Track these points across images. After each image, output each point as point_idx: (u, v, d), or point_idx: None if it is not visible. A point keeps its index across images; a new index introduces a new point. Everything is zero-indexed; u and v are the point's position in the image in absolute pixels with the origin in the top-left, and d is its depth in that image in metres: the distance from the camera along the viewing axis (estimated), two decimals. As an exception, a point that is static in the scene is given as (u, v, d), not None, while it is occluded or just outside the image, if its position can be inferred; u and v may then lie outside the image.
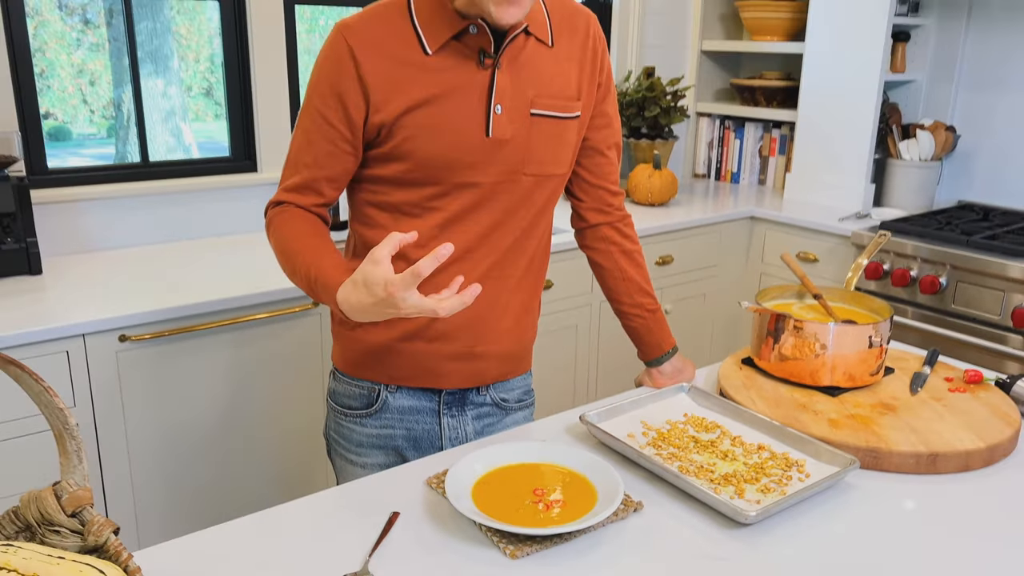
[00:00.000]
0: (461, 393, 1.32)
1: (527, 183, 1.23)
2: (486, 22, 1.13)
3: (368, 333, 1.27)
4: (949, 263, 2.39)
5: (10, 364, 0.73)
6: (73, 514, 0.79)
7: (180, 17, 2.39)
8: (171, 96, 2.77)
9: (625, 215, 1.40)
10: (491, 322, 1.28)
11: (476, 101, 1.16)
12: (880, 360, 1.34)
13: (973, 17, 2.85)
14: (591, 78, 1.27)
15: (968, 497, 1.08)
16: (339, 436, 1.35)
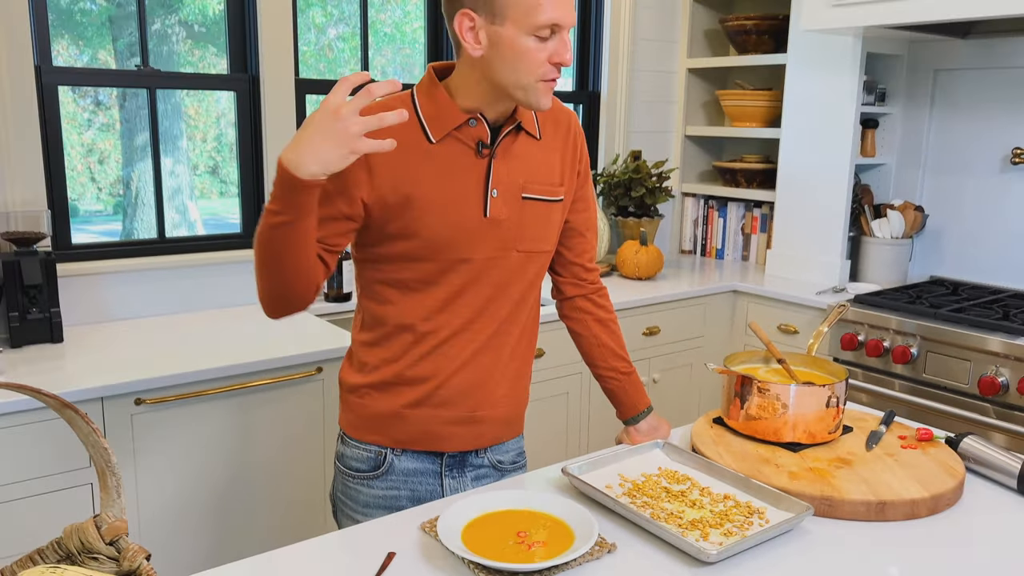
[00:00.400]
0: (461, 456, 1.43)
1: (518, 259, 1.37)
2: (484, 116, 1.30)
3: (376, 401, 1.39)
4: (919, 334, 2.52)
5: (65, 407, 0.85)
6: (110, 542, 0.90)
7: (189, 99, 2.56)
8: (178, 175, 2.93)
9: (600, 287, 1.55)
10: (490, 388, 1.40)
11: (475, 185, 1.31)
12: (837, 419, 1.46)
13: (935, 107, 3.06)
14: (572, 167, 1.43)
15: (914, 542, 1.19)
16: (346, 497, 1.44)
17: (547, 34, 1.24)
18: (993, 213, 2.93)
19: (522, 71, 1.25)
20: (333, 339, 2.22)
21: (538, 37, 1.23)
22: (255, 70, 2.56)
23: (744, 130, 3.42)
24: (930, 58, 3.04)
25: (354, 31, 2.85)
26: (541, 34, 1.23)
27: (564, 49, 1.25)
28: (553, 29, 1.24)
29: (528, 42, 1.23)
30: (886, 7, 2.49)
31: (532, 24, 1.22)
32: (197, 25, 2.47)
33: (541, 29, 1.23)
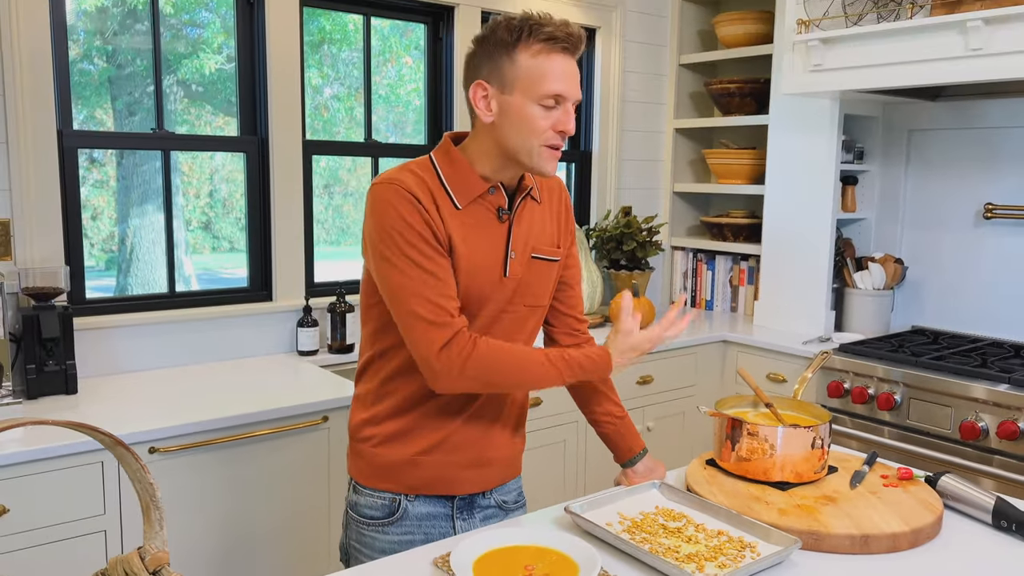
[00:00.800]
0: (471, 498, 1.51)
1: (523, 312, 1.48)
2: (503, 185, 1.42)
3: (390, 450, 1.46)
4: (903, 382, 2.62)
5: (117, 445, 0.94)
6: (154, 572, 0.97)
7: (183, 156, 2.63)
8: (173, 230, 2.97)
9: (589, 338, 1.64)
10: (496, 431, 1.50)
11: (497, 247, 1.42)
12: (823, 459, 1.55)
13: (911, 164, 3.22)
14: (565, 227, 1.56)
15: (896, 574, 1.27)
16: (361, 545, 1.50)
17: (551, 104, 1.35)
18: (969, 265, 3.06)
19: (528, 136, 1.36)
20: (337, 389, 2.30)
21: (543, 106, 1.35)
22: (264, 133, 2.69)
23: (730, 187, 3.57)
24: (904, 119, 3.21)
25: (350, 91, 2.99)
26: (546, 103, 1.35)
27: (567, 118, 1.37)
28: (557, 100, 1.36)
29: (534, 110, 1.35)
30: (860, 73, 2.66)
31: (538, 93, 1.34)
32: (195, 85, 2.58)
33: (545, 99, 1.35)
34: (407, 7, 2.99)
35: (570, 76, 1.37)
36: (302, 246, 2.76)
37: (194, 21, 2.54)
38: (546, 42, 1.35)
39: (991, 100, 2.96)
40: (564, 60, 1.36)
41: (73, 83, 2.36)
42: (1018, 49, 2.29)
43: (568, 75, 1.36)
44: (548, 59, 1.35)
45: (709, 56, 3.64)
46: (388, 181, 1.38)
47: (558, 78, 1.34)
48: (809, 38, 2.72)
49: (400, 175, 1.39)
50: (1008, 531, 1.41)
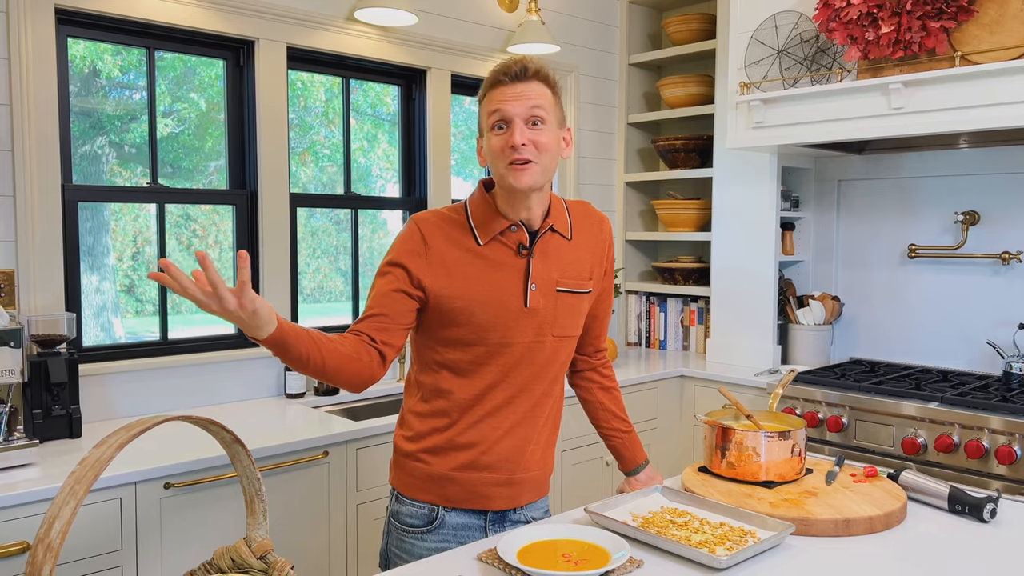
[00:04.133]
0: (502, 513, 1.65)
1: (553, 343, 1.63)
2: (524, 223, 1.59)
3: (430, 465, 1.61)
4: (848, 405, 2.89)
5: (236, 442, 1.07)
6: (260, 557, 1.10)
7: (113, 217, 2.70)
8: (104, 291, 2.97)
9: (605, 361, 1.83)
10: (527, 455, 1.64)
11: (517, 280, 1.58)
12: (802, 463, 1.76)
13: (841, 211, 3.56)
14: (600, 264, 1.70)
15: (874, 549, 1.48)
16: (401, 551, 1.63)
17: (501, 128, 1.52)
18: (897, 301, 3.39)
19: (495, 162, 1.54)
20: (331, 427, 2.41)
21: (495, 133, 1.53)
22: (253, 186, 2.83)
23: (678, 234, 3.85)
24: (833, 170, 3.57)
25: (292, 152, 3.13)
26: (496, 129, 1.53)
27: (512, 134, 1.50)
28: (501, 120, 1.52)
29: (491, 139, 1.54)
30: (797, 129, 2.98)
31: (488, 124, 1.54)
32: (127, 146, 2.66)
33: (494, 125, 1.53)
34: (382, 70, 3.20)
35: (510, 97, 1.49)
36: (289, 293, 2.89)
37: (136, 84, 2.65)
38: (489, 79, 1.54)
39: (909, 153, 3.33)
40: (505, 87, 1.51)
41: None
42: (932, 108, 2.63)
43: (508, 97, 1.50)
44: (491, 91, 1.54)
45: (655, 116, 3.96)
46: (414, 217, 1.59)
47: (496, 102, 1.51)
48: (751, 98, 3.03)
49: (430, 212, 1.60)
50: (963, 514, 1.64)
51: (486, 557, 1.42)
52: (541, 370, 1.62)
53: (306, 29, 2.88)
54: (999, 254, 3.07)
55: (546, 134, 1.53)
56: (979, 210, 3.15)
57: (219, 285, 1.19)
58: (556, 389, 1.68)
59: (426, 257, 1.55)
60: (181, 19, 2.60)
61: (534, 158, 1.51)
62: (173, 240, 2.79)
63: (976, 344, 3.18)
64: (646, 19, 4.09)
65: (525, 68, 1.52)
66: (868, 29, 2.68)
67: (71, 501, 0.81)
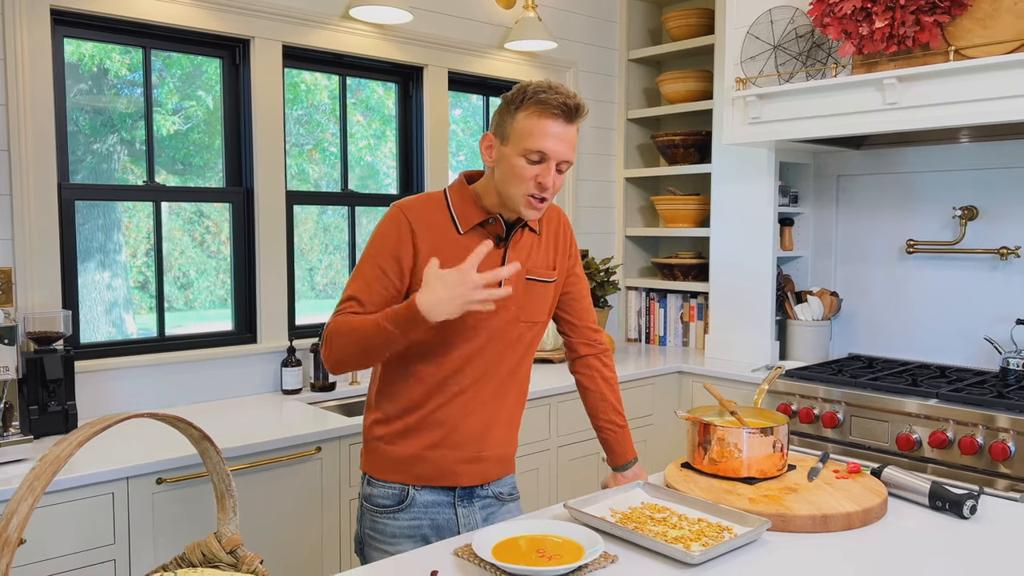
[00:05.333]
0: (470, 489, 1.70)
1: (521, 328, 1.69)
2: (501, 216, 1.64)
3: (400, 447, 1.66)
4: (844, 401, 2.88)
5: (204, 439, 1.09)
6: (230, 551, 1.12)
7: (126, 215, 2.74)
8: (115, 288, 3.02)
9: (606, 349, 1.88)
10: (493, 432, 1.69)
11: (491, 268, 1.60)
12: (783, 459, 1.76)
13: (840, 206, 3.55)
14: (563, 252, 1.78)
15: (851, 545, 1.48)
16: (374, 532, 1.68)
17: (536, 159, 1.55)
18: (896, 297, 3.38)
19: (512, 184, 1.58)
20: (325, 423, 2.43)
21: (528, 160, 1.55)
22: (250, 183, 2.85)
23: (677, 230, 3.85)
24: (832, 166, 3.55)
25: (300, 149, 3.14)
26: (531, 157, 1.55)
27: (547, 173, 1.55)
28: (541, 156, 1.55)
29: (520, 162, 1.56)
30: (792, 124, 2.97)
31: (524, 148, 1.55)
32: (138, 143, 2.69)
33: (531, 153, 1.55)
34: (379, 67, 3.22)
35: (557, 137, 1.54)
36: (285, 289, 2.91)
37: (143, 83, 2.69)
38: (540, 105, 1.54)
39: (908, 148, 3.31)
40: (555, 123, 1.54)
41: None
42: (927, 103, 2.62)
43: (555, 136, 1.54)
44: (539, 120, 1.54)
45: (654, 111, 3.96)
46: (397, 204, 1.64)
47: (543, 137, 1.53)
48: (747, 94, 3.03)
49: (412, 199, 1.65)
50: (943, 510, 1.64)
51: (462, 552, 1.43)
52: (507, 352, 1.69)
53: (302, 27, 2.90)
54: (997, 249, 3.05)
55: (564, 178, 1.62)
56: (977, 205, 3.13)
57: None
58: (521, 371, 1.74)
59: (412, 242, 1.61)
60: (176, 18, 2.62)
61: (550, 198, 1.61)
62: (187, 237, 2.83)
63: (974, 340, 3.16)
64: (645, 14, 4.08)
65: (579, 108, 1.56)
66: (862, 24, 2.66)
67: (29, 497, 0.83)
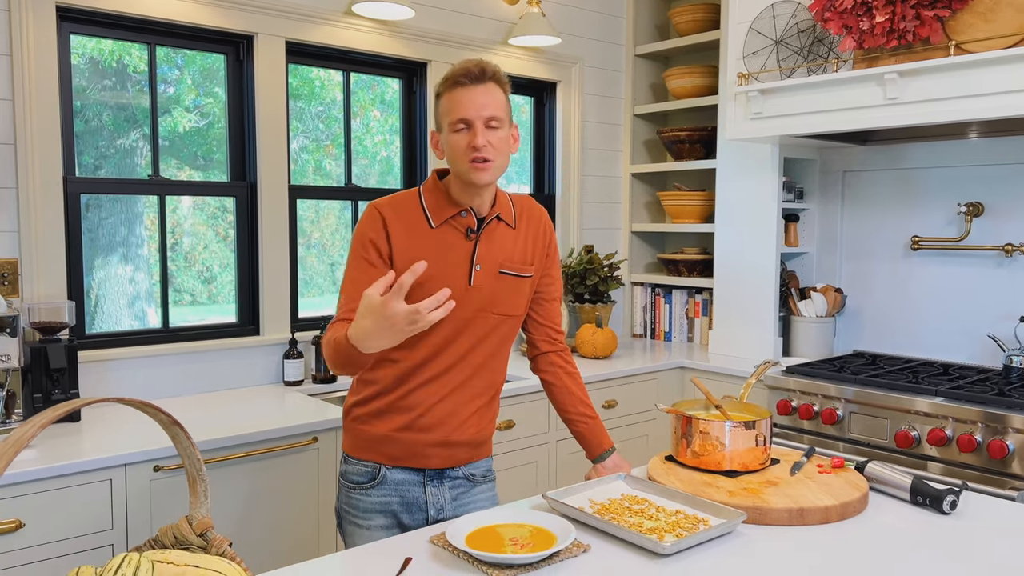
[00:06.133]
0: (440, 470, 1.75)
1: (493, 320, 1.73)
2: (472, 209, 1.67)
3: (373, 426, 1.72)
4: (843, 397, 2.87)
5: (173, 424, 1.12)
6: (200, 534, 1.15)
7: (148, 209, 2.81)
8: (138, 281, 3.10)
9: (566, 348, 1.91)
10: (464, 419, 1.73)
11: (463, 260, 1.68)
12: (766, 453, 1.77)
13: (846, 202, 3.53)
14: (541, 251, 1.81)
15: (828, 539, 1.49)
16: (349, 507, 1.75)
17: (461, 126, 1.64)
18: (901, 293, 3.36)
19: (456, 159, 1.66)
20: (324, 413, 2.47)
21: (457, 132, 1.64)
22: (253, 178, 2.89)
23: (683, 226, 3.84)
24: (838, 161, 3.53)
25: (318, 144, 3.19)
26: (457, 128, 1.64)
27: (475, 135, 1.62)
28: (464, 123, 1.63)
29: (453, 138, 1.65)
30: (794, 120, 2.96)
31: (450, 123, 1.65)
32: (162, 139, 2.76)
33: (455, 125, 1.64)
34: (383, 63, 3.24)
35: (470, 103, 1.62)
36: (288, 282, 2.95)
37: (165, 79, 2.75)
38: (447, 82, 1.65)
39: (913, 143, 3.28)
40: (463, 90, 1.62)
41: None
42: (928, 98, 2.60)
43: (468, 102, 1.62)
44: (451, 94, 1.65)
45: (661, 107, 3.95)
46: (372, 203, 1.71)
47: (458, 105, 1.63)
48: (749, 89, 3.02)
49: (386, 198, 1.72)
50: (924, 505, 1.64)
51: (437, 540, 1.45)
52: (479, 343, 1.72)
53: (305, 23, 2.93)
54: (1002, 246, 3.02)
55: (501, 135, 1.66)
56: (983, 201, 3.10)
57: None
58: (495, 363, 1.77)
59: (388, 238, 1.67)
60: (181, 15, 2.66)
61: (492, 157, 1.64)
62: (211, 232, 2.89)
63: (978, 337, 3.14)
64: (652, 9, 4.08)
65: (483, 70, 1.64)
66: (862, 18, 2.65)
67: (-10, 475, 0.86)
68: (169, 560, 1.08)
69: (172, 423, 1.12)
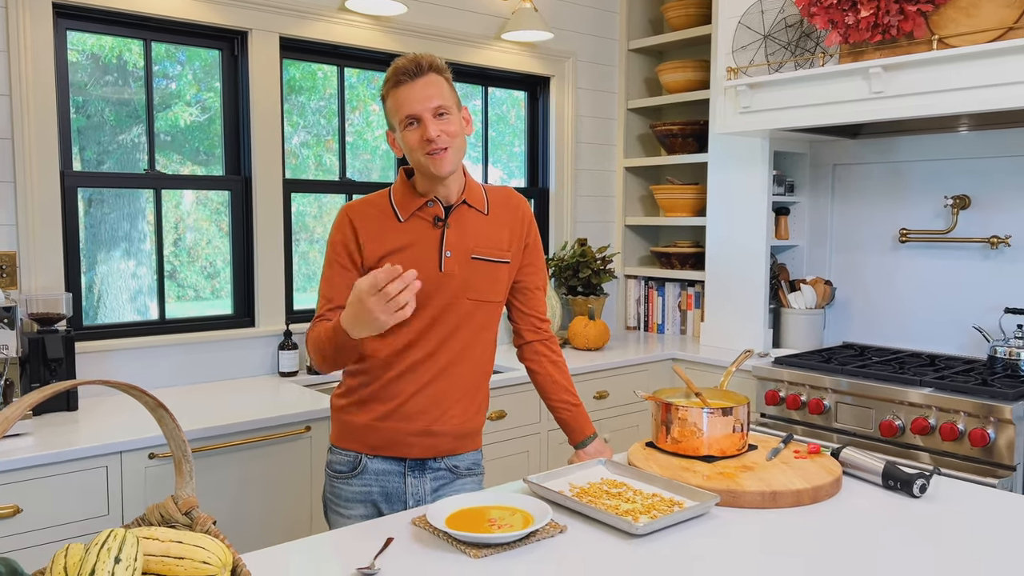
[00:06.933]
0: (421, 461, 1.78)
1: (469, 306, 1.76)
2: (439, 199, 1.73)
3: (354, 416, 1.77)
4: (830, 388, 2.91)
5: (159, 407, 1.16)
6: (186, 513, 1.20)
7: (149, 205, 2.85)
8: (140, 276, 3.17)
9: (552, 336, 1.94)
10: (444, 408, 1.76)
11: (433, 248, 1.73)
12: (743, 439, 1.81)
13: (836, 196, 3.56)
14: (520, 238, 1.84)
15: (799, 521, 1.53)
16: (332, 495, 1.80)
17: (410, 122, 1.68)
18: (889, 285, 3.39)
19: (413, 154, 1.71)
20: (317, 403, 2.51)
21: (407, 128, 1.69)
22: (248, 172, 2.94)
23: (676, 219, 3.88)
24: (828, 155, 3.57)
25: (319, 139, 3.24)
26: (407, 124, 1.68)
27: (427, 127, 1.66)
28: (413, 118, 1.67)
29: (405, 135, 1.70)
30: (782, 114, 2.99)
31: (400, 121, 1.70)
32: (163, 134, 2.80)
33: (404, 123, 1.69)
34: (376, 58, 3.28)
35: (412, 96, 1.66)
36: (283, 275, 3.00)
37: (166, 74, 2.80)
38: (389, 83, 1.70)
39: (902, 137, 3.32)
40: (405, 87, 1.67)
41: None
42: (912, 91, 2.63)
43: (412, 98, 1.67)
44: (395, 93, 1.69)
45: (654, 101, 3.99)
46: (344, 207, 1.78)
47: (403, 103, 1.68)
48: (738, 83, 3.05)
49: (357, 201, 1.79)
50: (895, 489, 1.68)
51: (418, 522, 1.50)
52: (457, 330, 1.76)
53: (299, 19, 2.97)
54: (988, 238, 3.06)
55: (452, 122, 1.69)
56: (970, 194, 3.14)
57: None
58: (477, 350, 1.80)
59: (356, 238, 1.73)
60: (176, 11, 2.70)
61: (447, 144, 1.68)
62: (214, 227, 2.94)
63: (965, 328, 3.17)
64: (645, 4, 4.11)
65: (419, 64, 1.68)
66: (848, 13, 2.68)
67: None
68: (154, 536, 1.12)
69: (158, 405, 1.16)
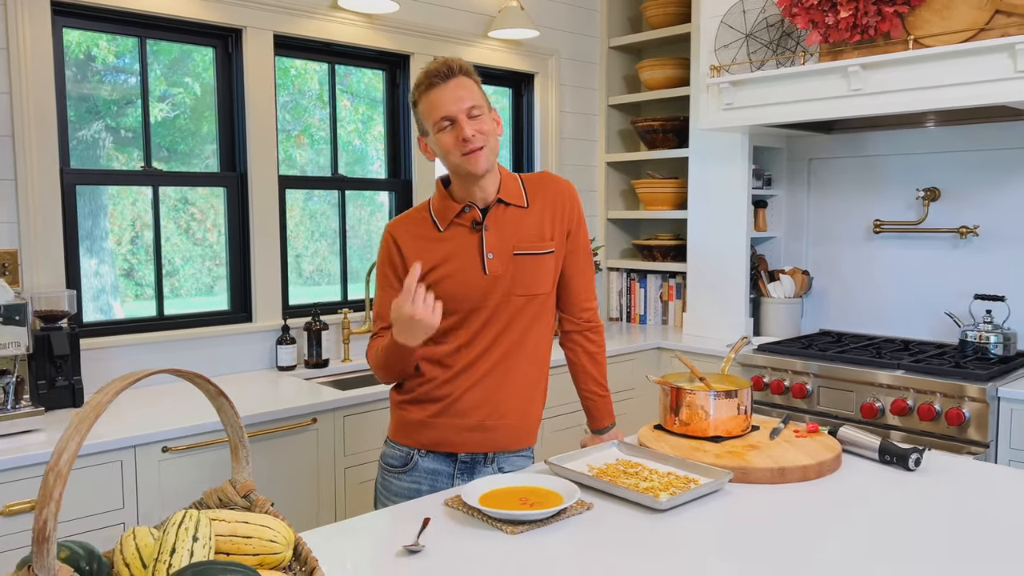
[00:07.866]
0: (472, 462, 1.82)
1: (518, 302, 1.80)
2: (475, 203, 1.77)
3: (410, 412, 1.82)
4: (812, 373, 3.04)
5: (220, 396, 1.21)
6: (244, 496, 1.25)
7: (111, 202, 2.84)
8: (102, 275, 2.97)
9: (595, 324, 1.96)
10: (498, 402, 1.81)
11: (474, 253, 1.77)
12: (747, 420, 1.91)
13: (811, 189, 3.70)
14: (562, 224, 1.84)
15: (806, 494, 1.63)
16: (384, 488, 1.85)
17: (445, 124, 1.72)
18: (864, 275, 3.54)
19: (448, 157, 1.75)
20: (320, 396, 2.56)
21: (441, 130, 1.73)
22: (243, 168, 2.96)
23: (657, 212, 3.99)
24: (804, 150, 3.70)
25: (288, 135, 3.27)
26: (441, 126, 1.72)
27: (461, 130, 1.70)
28: (448, 120, 1.71)
29: (440, 137, 1.73)
30: (764, 110, 3.11)
31: (433, 124, 1.73)
32: (124, 131, 2.80)
33: (438, 125, 1.72)
34: (367, 56, 3.32)
35: (445, 97, 1.70)
36: (279, 270, 3.03)
37: (129, 69, 2.80)
38: (420, 88, 1.74)
39: (875, 132, 3.46)
40: (436, 90, 1.70)
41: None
42: (888, 89, 2.76)
43: (443, 98, 1.70)
44: (427, 98, 1.73)
45: (634, 98, 4.09)
46: (387, 225, 1.86)
47: (437, 105, 1.71)
48: (720, 81, 3.16)
49: (398, 218, 1.86)
50: (892, 464, 1.79)
51: (452, 502, 1.57)
52: (508, 327, 1.80)
53: (292, 17, 3.00)
54: (957, 228, 3.21)
55: (485, 121, 1.74)
56: (939, 187, 3.29)
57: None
58: (530, 343, 1.83)
59: (401, 255, 1.79)
60: (172, 9, 2.72)
61: (483, 143, 1.72)
62: (172, 224, 2.93)
63: (936, 314, 3.33)
64: (625, 3, 4.20)
65: (450, 67, 1.72)
66: (828, 14, 2.80)
67: (76, 436, 0.95)
68: (220, 518, 1.18)
69: (219, 394, 1.21)
